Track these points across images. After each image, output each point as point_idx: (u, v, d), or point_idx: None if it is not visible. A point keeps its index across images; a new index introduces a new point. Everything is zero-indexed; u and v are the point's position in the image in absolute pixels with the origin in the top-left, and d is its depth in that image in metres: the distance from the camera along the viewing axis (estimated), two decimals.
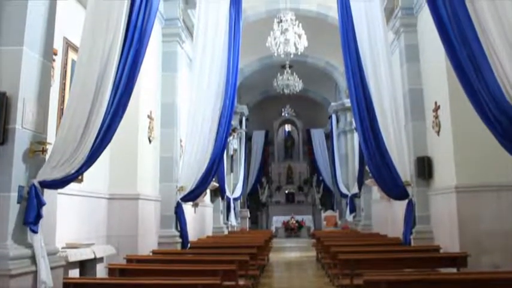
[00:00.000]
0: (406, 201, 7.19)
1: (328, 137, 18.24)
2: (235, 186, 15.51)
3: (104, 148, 3.93)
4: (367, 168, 8.79)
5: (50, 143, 3.76)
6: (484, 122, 3.65)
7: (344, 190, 15.44)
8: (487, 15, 3.49)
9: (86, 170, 3.84)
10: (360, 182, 12.54)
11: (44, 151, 3.68)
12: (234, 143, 15.15)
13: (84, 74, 3.92)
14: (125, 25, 4.11)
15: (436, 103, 6.97)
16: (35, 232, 3.50)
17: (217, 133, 7.40)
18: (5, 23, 3.64)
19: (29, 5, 3.69)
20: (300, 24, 8.91)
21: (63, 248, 4.72)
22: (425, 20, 6.88)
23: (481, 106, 3.59)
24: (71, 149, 3.70)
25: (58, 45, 4.76)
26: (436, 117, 6.97)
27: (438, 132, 6.92)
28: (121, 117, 4.00)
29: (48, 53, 3.96)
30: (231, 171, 15.41)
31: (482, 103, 3.56)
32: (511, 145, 3.40)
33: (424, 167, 7.27)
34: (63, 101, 5.19)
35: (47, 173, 3.62)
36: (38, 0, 3.81)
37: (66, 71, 5.41)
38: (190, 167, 7.35)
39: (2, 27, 3.63)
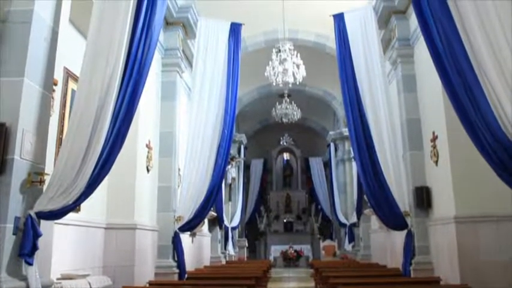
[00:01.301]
0: (405, 231, 7.14)
1: (327, 165, 18.23)
2: (233, 215, 15.42)
3: (102, 179, 3.92)
4: (365, 197, 8.76)
5: (47, 174, 3.75)
6: (482, 153, 3.66)
7: (343, 219, 15.34)
8: (482, 48, 3.54)
9: (83, 201, 3.83)
10: (359, 212, 12.48)
11: (41, 182, 3.67)
12: (232, 171, 15.11)
13: (84, 104, 3.95)
14: (125, 56, 4.15)
15: (433, 133, 6.99)
16: (30, 264, 3.46)
17: (216, 162, 7.40)
18: (7, 54, 3.69)
19: (31, 36, 3.75)
20: (298, 54, 9.01)
21: (58, 279, 4.65)
22: (422, 50, 6.96)
23: (478, 137, 3.61)
24: (69, 179, 3.70)
25: (58, 75, 4.78)
26: (434, 147, 6.98)
27: (436, 162, 6.92)
28: (120, 148, 4.01)
29: (49, 83, 4.00)
30: (229, 200, 15.33)
31: (479, 134, 3.58)
32: (509, 177, 3.40)
33: (423, 197, 7.23)
34: (62, 131, 5.21)
35: (44, 204, 3.60)
36: (40, 33, 3.86)
37: (65, 101, 5.44)
38: (188, 197, 7.31)
39: (4, 58, 3.67)
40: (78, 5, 4.80)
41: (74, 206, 3.80)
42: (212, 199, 7.55)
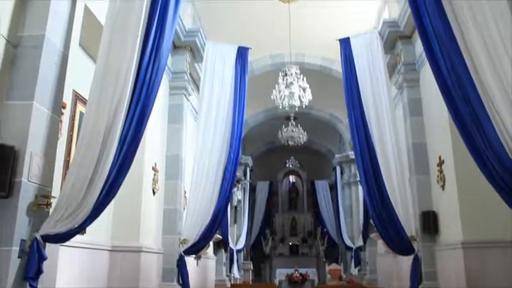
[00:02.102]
0: (412, 256, 7.06)
1: (333, 188, 18.16)
2: (238, 237, 15.33)
3: (109, 203, 3.93)
4: (371, 221, 8.69)
5: (54, 197, 3.77)
6: (489, 180, 3.65)
7: (349, 243, 15.21)
8: (488, 75, 3.56)
9: (89, 224, 3.83)
10: (365, 235, 12.38)
11: (48, 205, 3.69)
12: (238, 194, 15.09)
13: (92, 127, 3.99)
14: (133, 80, 4.18)
15: (440, 157, 6.97)
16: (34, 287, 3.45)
17: (222, 185, 7.39)
18: (18, 78, 3.76)
19: (42, 61, 3.82)
20: (305, 78, 9.07)
21: None
22: (428, 75, 6.98)
23: (485, 165, 3.60)
24: (76, 202, 3.71)
25: (67, 97, 4.84)
26: (441, 171, 6.96)
27: (443, 187, 6.89)
28: (126, 171, 4.03)
29: (58, 107, 4.06)
30: (235, 222, 15.27)
31: (486, 162, 3.57)
32: None
33: (430, 222, 7.18)
34: (69, 153, 5.24)
35: (50, 227, 3.61)
36: (50, 57, 3.93)
37: (74, 123, 5.49)
38: (194, 219, 7.29)
39: (15, 82, 3.74)
40: (88, 29, 4.89)
41: (80, 229, 3.81)
42: (218, 222, 7.51)
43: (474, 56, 3.73)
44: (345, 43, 7.77)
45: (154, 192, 7.23)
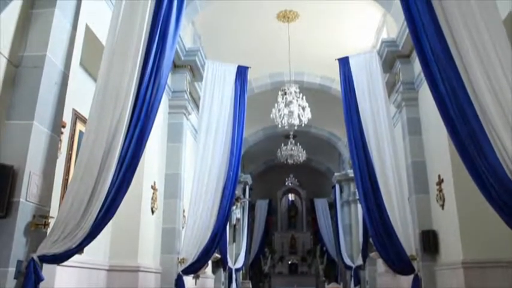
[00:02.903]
0: (412, 275, 7.01)
1: (332, 207, 18.09)
2: (237, 256, 15.21)
3: (107, 222, 3.91)
4: (371, 240, 8.65)
5: (52, 217, 3.75)
6: (488, 201, 3.64)
7: (348, 261, 15.09)
8: (486, 96, 3.58)
9: (87, 244, 3.80)
10: (364, 254, 12.29)
11: (46, 225, 3.67)
12: (237, 212, 15.03)
13: (91, 147, 3.98)
14: (133, 99, 4.19)
15: (439, 176, 6.96)
16: None
17: (221, 204, 7.37)
18: (18, 97, 3.77)
19: (42, 81, 3.84)
20: (304, 97, 9.12)
21: None
22: (426, 94, 7.00)
23: (484, 185, 3.59)
24: (74, 223, 3.68)
25: (67, 116, 4.86)
26: (440, 190, 6.94)
27: (442, 206, 6.86)
28: (125, 191, 4.01)
29: (57, 126, 4.06)
30: (233, 241, 15.17)
31: (485, 182, 3.57)
32: None
33: (430, 241, 7.13)
34: (68, 172, 5.22)
35: (47, 247, 3.58)
36: (51, 77, 3.95)
37: (73, 142, 5.47)
38: (193, 239, 7.25)
39: (15, 102, 3.75)
40: (89, 49, 4.93)
41: (78, 250, 3.77)
42: (217, 241, 7.46)
43: (472, 76, 3.76)
44: (344, 62, 7.83)
45: (153, 211, 7.19)
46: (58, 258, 3.67)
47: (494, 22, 3.87)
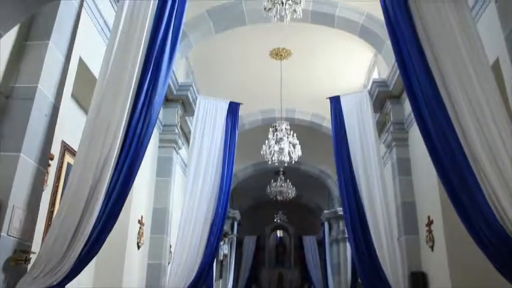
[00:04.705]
0: None
1: (321, 244, 17.95)
2: None
3: (91, 259, 3.79)
4: (360, 280, 8.52)
5: (34, 252, 3.64)
6: (478, 245, 3.61)
7: None
8: (476, 141, 3.59)
9: (69, 282, 3.66)
10: None
11: (26, 260, 3.54)
12: (224, 248, 14.83)
13: (78, 180, 3.88)
14: (123, 134, 4.13)
15: (429, 217, 6.93)
16: None
17: (208, 241, 7.24)
18: (7, 129, 3.71)
19: (32, 112, 3.79)
20: (295, 134, 9.17)
21: None
22: (416, 135, 7.06)
23: (475, 229, 3.57)
24: (56, 258, 3.56)
25: (55, 148, 4.79)
26: (430, 231, 6.90)
27: (432, 248, 6.81)
28: (111, 227, 3.90)
29: (45, 159, 3.99)
30: (220, 277, 14.90)
31: (476, 226, 3.54)
32: (508, 272, 3.32)
33: (419, 283, 7.04)
34: (53, 204, 5.13)
35: (27, 284, 3.44)
36: (41, 109, 3.91)
37: (60, 174, 5.40)
38: (178, 275, 7.06)
39: (3, 133, 3.69)
40: (81, 81, 4.91)
41: (59, 287, 3.64)
42: (203, 278, 7.29)
43: (462, 121, 3.77)
44: (335, 101, 7.90)
45: (139, 247, 7.04)
46: None
47: (483, 67, 3.92)
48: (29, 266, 3.59)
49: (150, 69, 4.40)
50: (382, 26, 7.28)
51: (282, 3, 5.87)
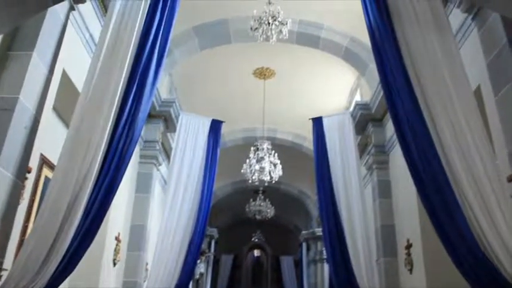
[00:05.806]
0: None
1: (298, 264, 17.86)
2: None
3: (65, 278, 3.66)
4: None
5: (5, 269, 3.50)
6: (458, 269, 3.62)
7: None
8: (458, 165, 3.63)
9: None
10: None
11: None
12: (201, 266, 14.66)
13: (56, 195, 3.76)
14: (104, 150, 4.05)
15: (408, 240, 6.96)
16: None
17: (186, 259, 7.11)
18: None
19: (12, 124, 3.69)
20: (276, 154, 9.17)
21: None
22: (397, 158, 7.14)
23: (455, 253, 3.58)
24: (30, 276, 3.42)
25: (34, 161, 4.67)
26: (409, 254, 6.91)
27: (411, 271, 6.82)
28: (88, 245, 3.79)
29: (22, 172, 3.89)
30: None
31: (456, 250, 3.56)
32: None
33: None
34: (28, 218, 4.98)
35: None
36: (21, 120, 3.82)
37: (37, 188, 5.25)
38: None
39: None
40: (64, 94, 4.83)
41: None
42: None
43: (444, 143, 3.82)
44: (318, 122, 7.94)
45: (115, 264, 6.89)
46: None
47: (465, 92, 3.98)
48: (0, 283, 3.46)
49: (135, 85, 4.34)
50: (366, 49, 7.41)
51: (269, 23, 5.92)
